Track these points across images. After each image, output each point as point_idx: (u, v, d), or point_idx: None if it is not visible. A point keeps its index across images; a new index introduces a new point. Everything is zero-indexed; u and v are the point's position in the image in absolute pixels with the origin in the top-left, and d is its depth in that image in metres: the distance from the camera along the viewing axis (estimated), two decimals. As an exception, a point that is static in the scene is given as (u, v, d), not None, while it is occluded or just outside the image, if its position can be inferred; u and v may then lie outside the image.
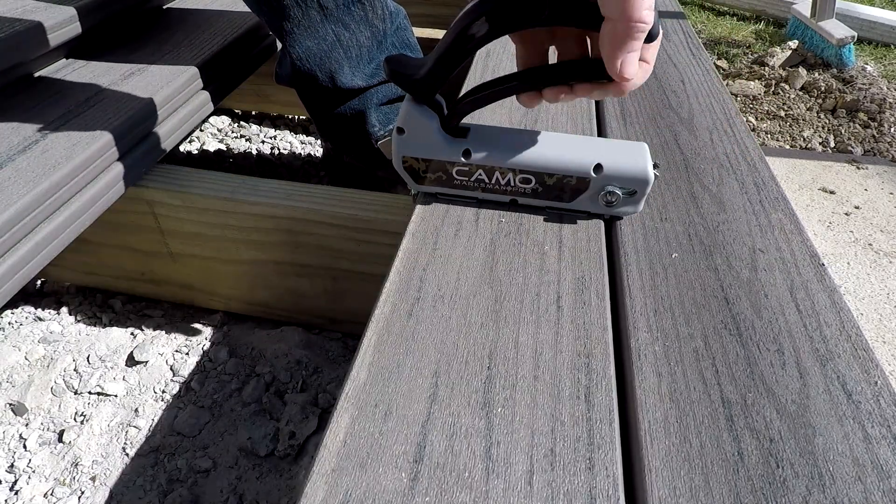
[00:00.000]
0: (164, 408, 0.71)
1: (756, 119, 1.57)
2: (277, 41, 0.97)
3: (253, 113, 1.35)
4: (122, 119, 0.66)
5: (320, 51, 0.76)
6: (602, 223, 0.48)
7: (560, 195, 0.47)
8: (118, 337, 0.80)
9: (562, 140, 0.46)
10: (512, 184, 0.47)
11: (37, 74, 0.76)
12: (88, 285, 0.88)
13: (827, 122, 1.54)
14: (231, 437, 0.68)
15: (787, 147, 1.46)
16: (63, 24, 0.75)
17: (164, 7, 0.98)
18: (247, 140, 1.26)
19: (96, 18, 0.80)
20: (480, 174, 0.46)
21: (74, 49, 0.80)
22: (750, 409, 0.33)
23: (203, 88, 0.81)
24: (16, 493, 0.62)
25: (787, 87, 1.68)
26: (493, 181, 0.47)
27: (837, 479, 0.30)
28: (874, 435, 0.32)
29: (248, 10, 0.79)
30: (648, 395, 0.34)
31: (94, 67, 0.77)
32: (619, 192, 0.45)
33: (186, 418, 0.70)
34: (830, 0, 1.78)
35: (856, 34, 1.72)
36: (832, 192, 1.25)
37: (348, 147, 0.89)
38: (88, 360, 0.76)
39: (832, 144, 1.46)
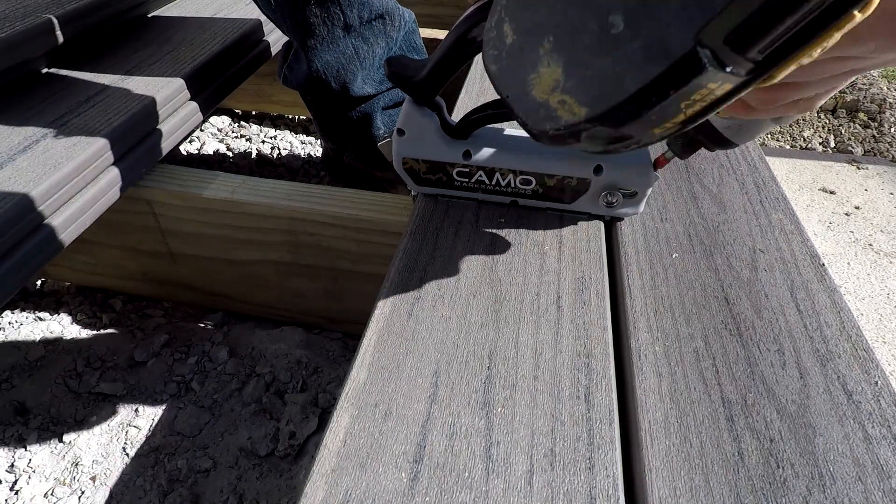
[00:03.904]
0: (164, 408, 0.71)
1: (756, 119, 1.57)
2: (272, 46, 0.97)
3: (253, 113, 1.35)
4: (123, 119, 0.66)
5: (338, 63, 0.77)
6: (602, 223, 0.48)
7: (560, 196, 0.47)
8: (118, 337, 0.80)
9: None
10: (512, 185, 0.47)
11: (39, 73, 0.76)
12: (88, 285, 0.88)
13: (827, 122, 1.54)
14: (231, 437, 0.68)
15: (787, 147, 1.46)
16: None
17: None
18: (247, 140, 1.26)
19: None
20: (481, 175, 0.46)
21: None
22: (750, 409, 0.33)
23: (203, 87, 0.81)
24: (16, 493, 0.62)
25: (787, 87, 1.68)
26: (494, 182, 0.47)
27: (838, 480, 0.30)
28: (874, 435, 0.32)
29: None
30: (648, 395, 0.34)
31: (85, 72, 0.76)
32: (619, 193, 0.45)
33: (186, 418, 0.70)
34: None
35: None
36: (832, 193, 1.25)
37: (350, 147, 0.89)
38: (88, 361, 0.76)
39: (832, 144, 1.46)
